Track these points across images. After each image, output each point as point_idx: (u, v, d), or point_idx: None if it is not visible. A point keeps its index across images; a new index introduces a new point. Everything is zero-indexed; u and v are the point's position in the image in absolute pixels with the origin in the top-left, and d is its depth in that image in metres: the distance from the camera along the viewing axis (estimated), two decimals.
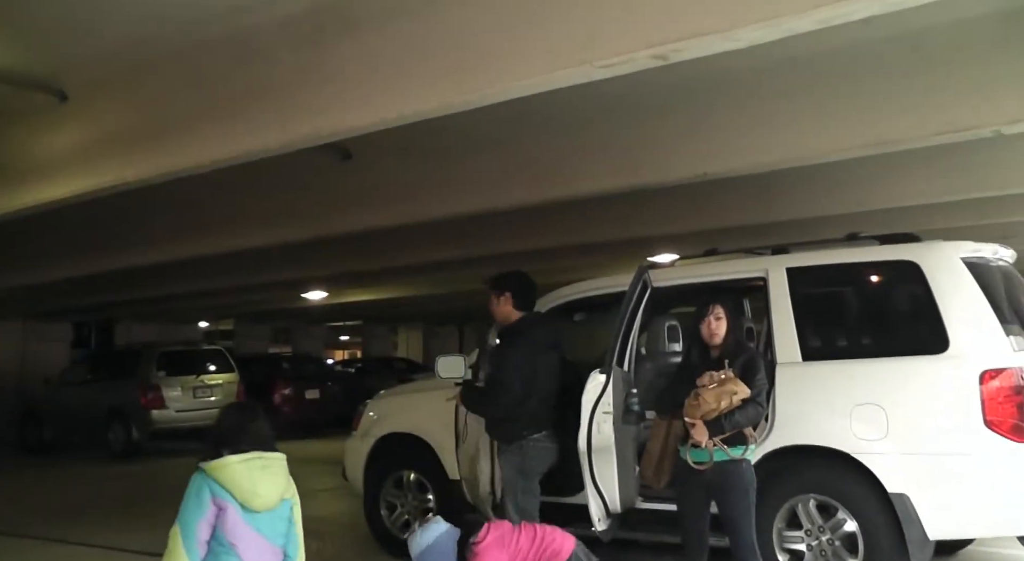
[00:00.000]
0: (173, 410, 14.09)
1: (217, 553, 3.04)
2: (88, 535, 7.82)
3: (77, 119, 6.54)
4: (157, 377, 14.23)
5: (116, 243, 10.96)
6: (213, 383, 14.73)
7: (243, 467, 3.09)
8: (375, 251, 11.49)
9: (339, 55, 4.88)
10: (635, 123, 6.61)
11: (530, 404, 4.93)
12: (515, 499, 4.97)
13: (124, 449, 14.01)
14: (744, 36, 3.53)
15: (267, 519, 3.12)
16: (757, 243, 6.23)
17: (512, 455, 4.99)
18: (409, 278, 15.54)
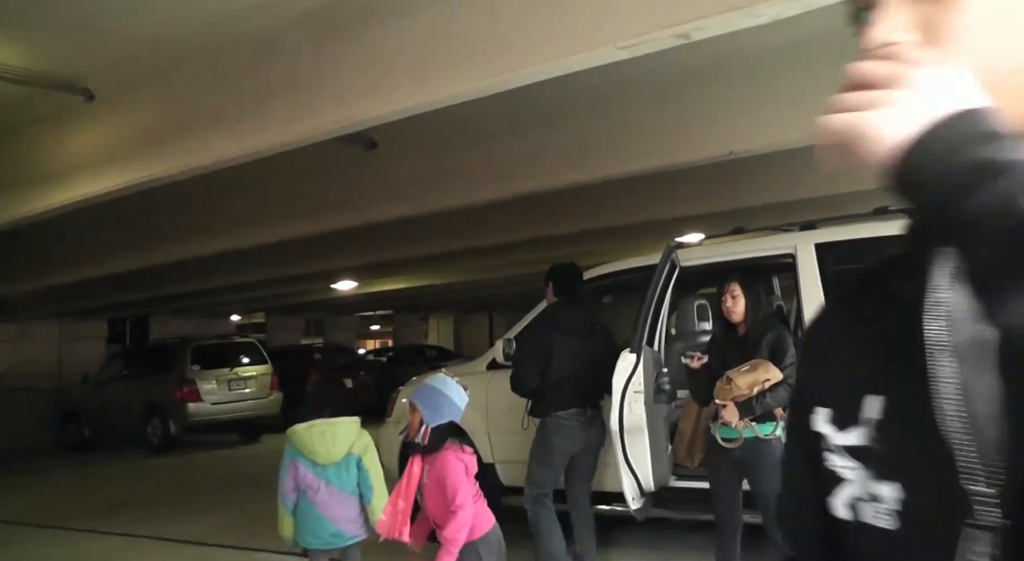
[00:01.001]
0: (208, 403, 14.27)
1: (299, 498, 4.06)
2: (132, 527, 7.99)
3: (104, 118, 6.64)
4: (192, 371, 14.41)
5: (148, 240, 11.09)
6: (247, 375, 14.91)
7: (305, 432, 4.08)
8: (403, 240, 11.53)
9: (359, 46, 4.91)
10: (660, 104, 6.57)
11: (553, 384, 5.19)
12: (531, 467, 5.26)
13: (162, 443, 14.22)
14: (766, 11, 3.50)
15: (333, 470, 4.04)
16: (784, 221, 6.19)
17: (539, 429, 5.31)
18: (438, 266, 15.59)
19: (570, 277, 5.52)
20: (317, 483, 4.04)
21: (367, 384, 17.22)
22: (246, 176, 7.34)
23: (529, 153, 7.51)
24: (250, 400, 14.79)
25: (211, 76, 5.77)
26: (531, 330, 5.47)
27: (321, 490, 4.04)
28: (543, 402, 5.28)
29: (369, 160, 7.93)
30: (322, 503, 4.04)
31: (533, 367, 5.22)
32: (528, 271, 15.93)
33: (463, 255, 13.28)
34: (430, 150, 7.78)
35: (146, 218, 10.20)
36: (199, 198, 9.31)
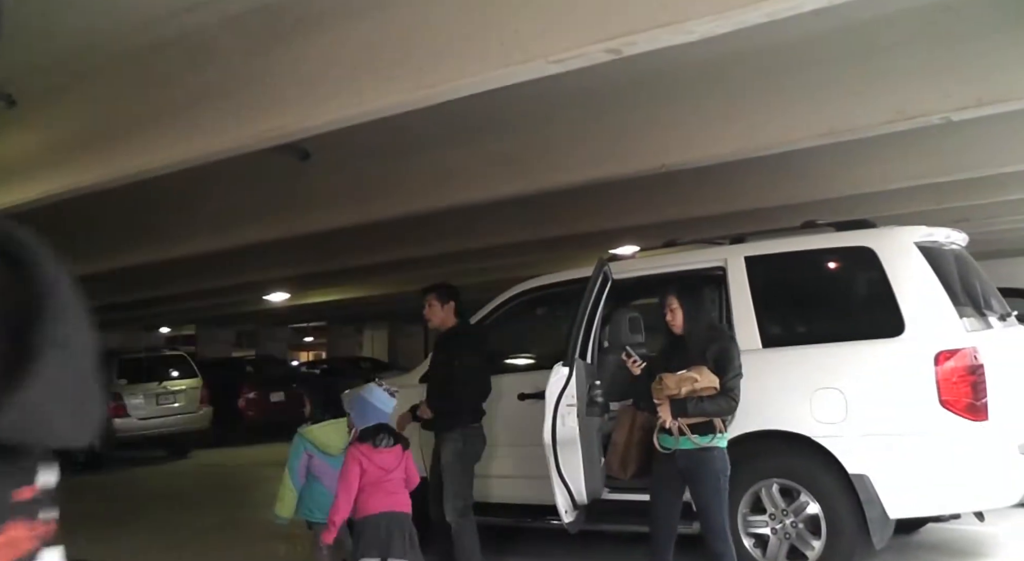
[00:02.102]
0: (136, 418, 13.88)
1: (309, 481, 5.01)
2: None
3: (27, 124, 6.42)
4: (118, 385, 13.99)
5: (71, 251, 10.75)
6: (176, 389, 14.55)
7: (319, 431, 5.06)
8: (337, 250, 11.43)
9: (293, 54, 4.85)
10: (595, 116, 6.64)
11: (472, 397, 5.46)
12: (454, 481, 5.32)
13: (87, 461, 13.76)
14: (697, 29, 3.55)
15: (338, 460, 4.75)
16: (718, 233, 6.30)
17: (454, 442, 5.38)
18: (373, 277, 15.49)
19: (460, 297, 5.75)
20: (327, 470, 4.92)
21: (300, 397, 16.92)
22: (175, 185, 7.18)
23: (464, 163, 7.52)
24: (179, 414, 14.43)
25: (139, 81, 5.63)
26: (461, 346, 5.59)
27: (328, 474, 4.87)
28: (460, 414, 5.42)
29: (303, 170, 7.83)
30: (330, 485, 4.78)
31: (467, 381, 5.43)
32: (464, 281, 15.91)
33: (397, 266, 13.22)
34: (365, 160, 7.73)
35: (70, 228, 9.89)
36: (125, 208, 9.08)
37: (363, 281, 16.23)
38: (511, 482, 5.86)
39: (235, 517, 8.71)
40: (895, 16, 5.21)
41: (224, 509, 9.20)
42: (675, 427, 4.41)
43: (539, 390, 5.40)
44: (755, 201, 8.76)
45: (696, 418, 4.40)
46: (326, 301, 19.30)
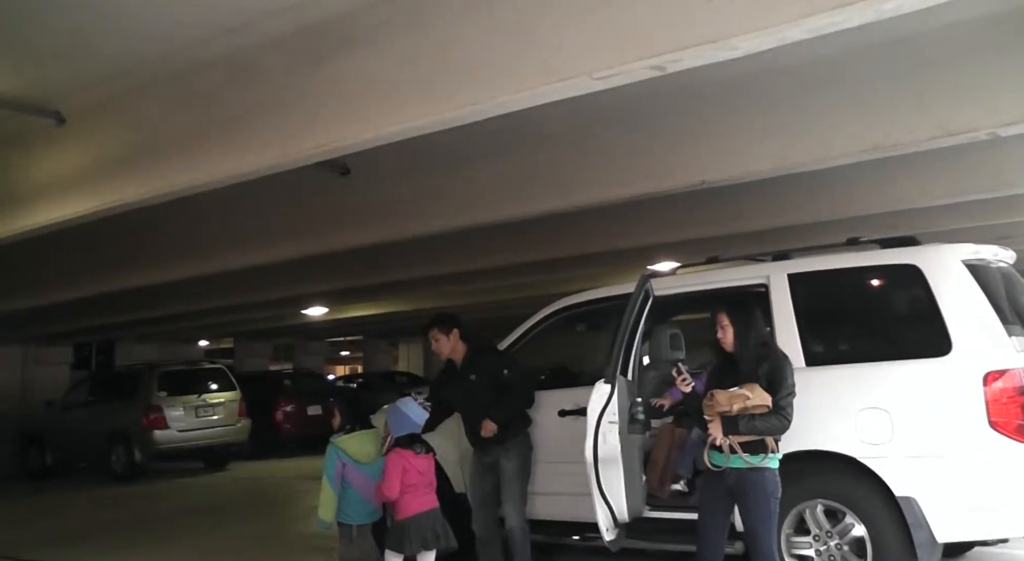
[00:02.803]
0: (175, 430, 14.04)
1: (344, 487, 5.19)
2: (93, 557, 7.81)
3: (75, 141, 6.56)
4: (159, 397, 14.17)
5: (116, 265, 10.94)
6: (215, 402, 14.69)
7: (352, 441, 5.26)
8: (374, 266, 11.49)
9: (335, 72, 4.90)
10: (634, 132, 6.63)
11: (531, 404, 5.76)
12: (521, 489, 5.56)
13: (127, 471, 13.96)
14: (741, 45, 3.54)
15: (369, 467, 5.21)
16: (757, 249, 6.25)
17: (517, 449, 5.59)
18: (409, 292, 15.54)
19: (460, 322, 5.94)
20: (360, 477, 5.23)
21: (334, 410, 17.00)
22: (216, 201, 7.28)
23: (503, 180, 7.53)
24: (218, 427, 14.57)
25: (184, 99, 5.72)
26: (515, 360, 5.85)
27: (360, 481, 5.22)
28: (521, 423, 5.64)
29: (342, 186, 7.91)
30: (361, 490, 5.22)
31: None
32: (498, 298, 15.96)
33: (433, 281, 13.26)
34: (404, 176, 7.78)
35: (114, 243, 10.07)
36: (168, 222, 9.22)
37: (399, 296, 16.29)
38: (551, 499, 5.83)
39: (273, 529, 8.75)
40: (941, 30, 5.16)
41: (262, 521, 9.25)
42: (725, 445, 4.36)
43: (580, 407, 5.38)
44: (795, 217, 8.67)
45: (747, 436, 4.35)
46: (362, 316, 19.39)
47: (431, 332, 5.79)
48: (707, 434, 4.47)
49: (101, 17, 5.03)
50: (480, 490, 5.74)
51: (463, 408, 5.73)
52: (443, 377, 5.94)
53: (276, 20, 4.85)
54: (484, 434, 5.46)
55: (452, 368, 5.84)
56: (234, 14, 4.87)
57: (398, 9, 4.54)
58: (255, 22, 4.88)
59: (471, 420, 5.62)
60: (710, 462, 4.46)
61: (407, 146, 5.32)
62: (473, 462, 5.79)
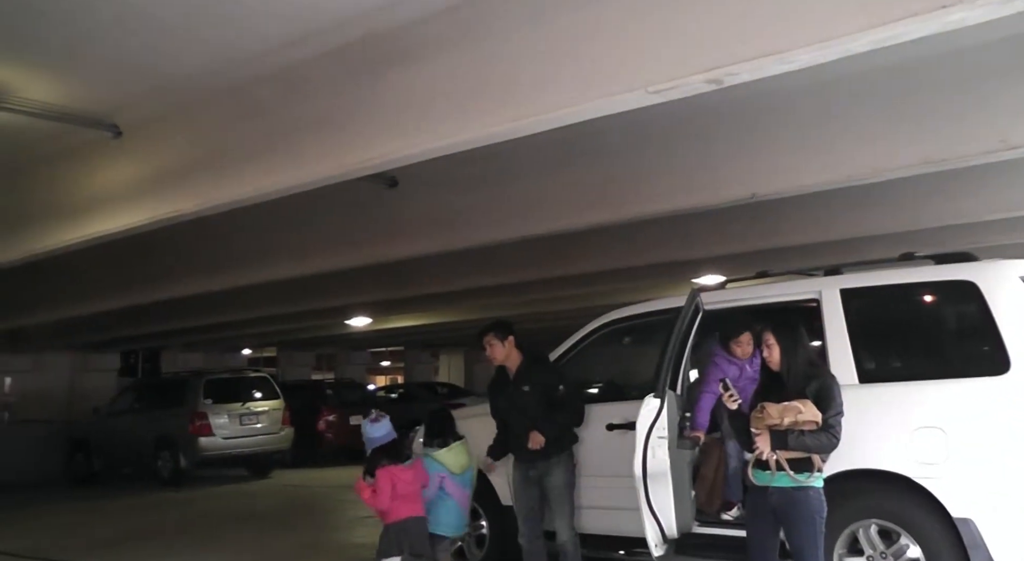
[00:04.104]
0: (220, 437, 14.19)
1: (443, 499, 5.61)
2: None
3: (132, 154, 6.70)
4: (204, 404, 14.34)
5: (164, 274, 11.13)
6: (259, 410, 14.83)
7: (450, 454, 5.68)
8: (419, 277, 11.55)
9: (389, 85, 4.96)
10: (684, 145, 6.61)
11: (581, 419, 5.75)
12: (570, 503, 5.58)
13: (172, 477, 14.13)
14: (800, 58, 3.52)
15: (461, 477, 5.69)
16: (805, 264, 6.19)
17: (566, 463, 5.59)
18: (451, 303, 15.59)
19: (515, 331, 5.92)
20: (455, 487, 5.65)
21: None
22: (264, 212, 7.37)
23: (553, 192, 7.55)
24: (262, 435, 14.71)
25: (239, 112, 5.82)
26: (562, 372, 5.82)
27: (456, 491, 5.65)
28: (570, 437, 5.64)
29: (390, 197, 7.97)
30: (462, 502, 5.69)
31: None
32: (541, 310, 15.94)
33: (476, 293, 13.30)
34: (450, 189, 7.82)
35: (162, 253, 10.24)
36: (217, 233, 9.35)
37: (442, 307, 16.36)
38: (597, 513, 5.80)
39: (318, 538, 8.80)
40: (999, 42, 5.08)
41: (308, 530, 9.30)
42: (772, 460, 4.30)
43: (628, 421, 5.35)
44: (844, 231, 8.57)
45: (794, 453, 4.28)
46: (404, 326, 19.49)
47: (486, 337, 5.78)
48: (753, 448, 4.40)
49: (160, 34, 5.14)
50: (525, 503, 5.72)
51: (510, 418, 5.73)
52: (496, 385, 5.92)
53: (332, 34, 4.92)
54: (531, 446, 5.45)
55: (503, 376, 5.83)
56: (290, 29, 4.96)
57: (453, 23, 4.58)
58: (311, 36, 4.96)
59: (519, 431, 5.61)
60: (753, 479, 4.40)
61: (456, 158, 5.35)
62: (516, 475, 5.78)
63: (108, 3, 4.78)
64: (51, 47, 5.43)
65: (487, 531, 6.32)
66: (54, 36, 5.25)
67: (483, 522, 6.32)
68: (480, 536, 6.34)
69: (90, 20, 5.01)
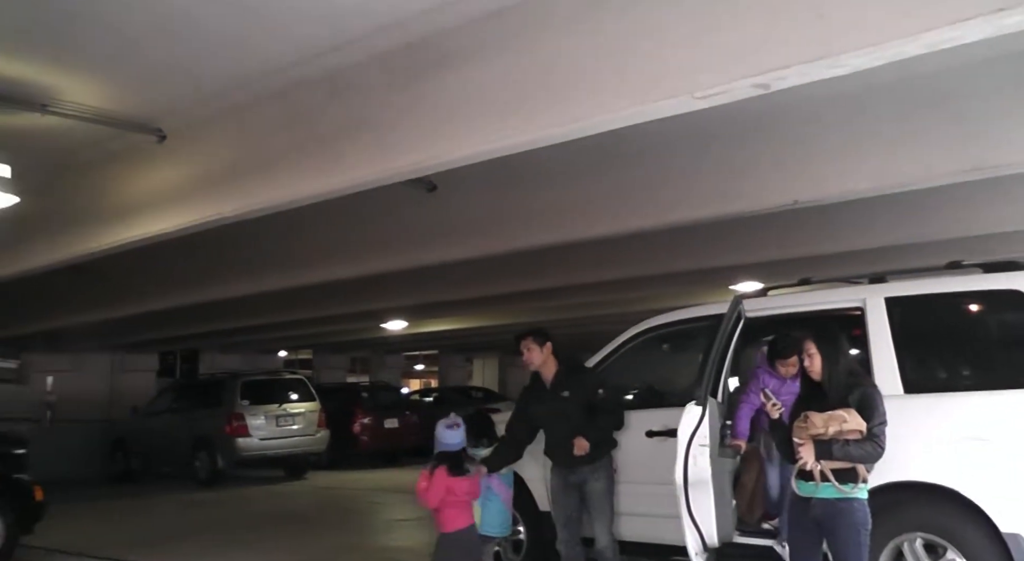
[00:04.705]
0: (257, 438, 14.34)
1: (491, 499, 5.65)
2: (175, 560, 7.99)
3: (176, 157, 6.78)
4: (241, 406, 14.49)
5: (202, 276, 11.25)
6: (295, 412, 14.95)
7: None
8: (455, 281, 11.57)
9: (433, 89, 4.96)
10: (723, 151, 6.55)
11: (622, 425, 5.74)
12: (611, 511, 5.57)
13: (210, 477, 14.29)
14: (851, 62, 3.46)
15: (506, 477, 5.79)
16: (847, 271, 6.10)
17: (606, 469, 5.60)
18: (487, 308, 15.59)
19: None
20: (505, 489, 5.78)
21: (413, 424, 17.17)
22: (305, 216, 7.41)
23: (588, 197, 7.52)
24: (298, 436, 14.83)
25: (284, 117, 5.86)
26: (602, 379, 5.81)
27: (504, 492, 5.75)
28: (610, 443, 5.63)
29: (428, 202, 7.99)
30: (507, 502, 5.77)
31: None
32: (576, 315, 15.90)
33: (514, 297, 13.29)
34: (491, 193, 7.82)
35: (202, 255, 10.34)
36: (256, 236, 9.42)
37: (477, 311, 16.36)
38: (636, 520, 5.76)
39: (355, 541, 8.83)
40: None
41: (344, 532, 9.33)
42: (817, 471, 4.23)
43: (668, 428, 5.31)
44: (888, 238, 8.43)
45: (839, 464, 4.22)
46: (439, 331, 19.53)
47: (524, 341, 5.76)
48: (796, 458, 4.34)
49: (205, 39, 5.20)
50: (564, 509, 5.70)
51: (549, 425, 5.70)
52: (530, 392, 5.91)
53: (377, 38, 4.94)
54: (577, 452, 5.41)
55: (538, 383, 5.81)
56: (336, 33, 4.98)
57: (498, 27, 4.58)
58: (356, 41, 4.98)
59: (559, 437, 5.58)
60: (797, 490, 4.34)
61: (495, 163, 5.34)
62: (555, 481, 5.76)
63: (154, 9, 4.84)
64: (98, 52, 5.52)
65: (524, 536, 6.29)
66: (101, 42, 5.33)
67: (520, 527, 6.29)
68: (517, 541, 6.32)
69: (136, 26, 5.08)
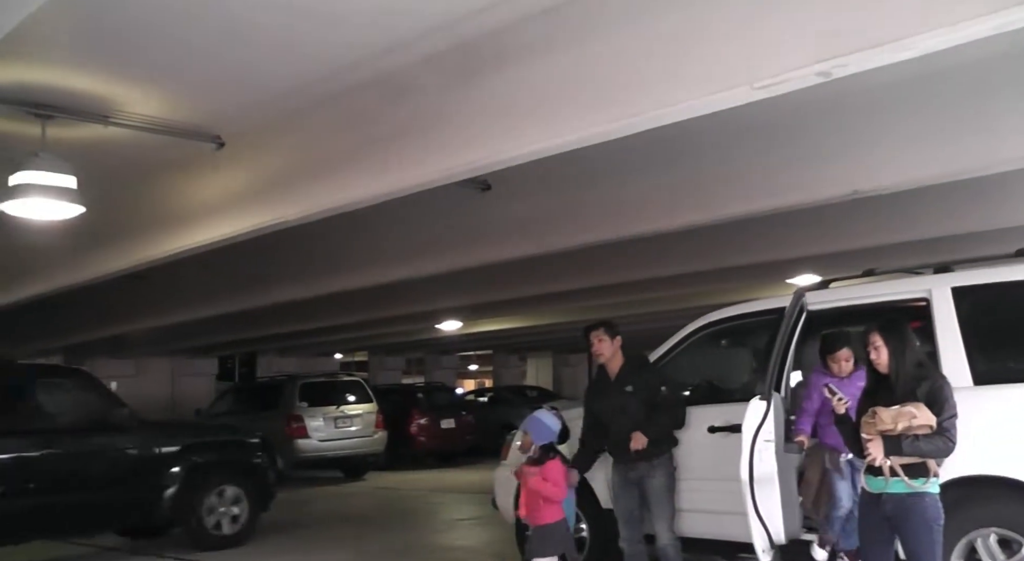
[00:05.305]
0: (316, 440, 14.51)
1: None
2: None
3: (234, 164, 6.88)
4: (300, 408, 14.68)
5: (260, 282, 11.43)
6: (353, 413, 15.10)
7: (566, 447, 5.67)
8: (509, 280, 11.58)
9: (487, 89, 4.97)
10: (780, 141, 6.44)
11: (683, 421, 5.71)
12: (671, 507, 5.53)
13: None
14: (918, 46, 3.36)
15: None
16: (910, 262, 5.97)
17: (666, 466, 5.56)
18: (541, 306, 15.59)
19: None
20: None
21: (470, 424, 17.23)
22: (359, 219, 7.48)
23: (642, 193, 7.46)
24: (356, 438, 14.98)
25: (339, 120, 5.91)
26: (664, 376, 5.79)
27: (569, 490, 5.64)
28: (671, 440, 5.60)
29: (482, 201, 8.00)
30: (572, 497, 5.63)
31: None
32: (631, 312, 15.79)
33: (566, 296, 13.26)
34: (545, 191, 7.80)
35: (259, 261, 10.49)
36: (312, 240, 9.53)
37: (530, 310, 16.37)
38: (698, 516, 5.70)
39: (417, 541, 8.88)
40: None
41: (405, 532, 9.38)
42: (886, 466, 4.15)
43: (730, 423, 5.25)
44: (952, 227, 8.21)
45: (909, 459, 4.13)
46: (493, 330, 19.59)
47: (595, 332, 5.74)
48: (864, 454, 4.26)
49: (261, 46, 5.26)
50: (625, 506, 5.68)
51: (611, 420, 5.68)
52: (595, 387, 5.90)
53: (430, 39, 4.95)
54: (633, 446, 5.39)
55: (604, 377, 5.80)
56: (389, 35, 5.01)
57: (551, 24, 4.56)
58: (410, 42, 5.00)
59: (620, 432, 5.57)
60: (868, 487, 4.25)
61: (548, 161, 5.33)
62: (616, 478, 5.74)
63: (211, 18, 4.91)
64: (157, 63, 5.61)
65: (587, 534, 6.28)
66: (160, 52, 5.42)
67: (583, 525, 6.28)
68: (580, 539, 6.30)
69: (194, 35, 5.15)
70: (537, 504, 5.40)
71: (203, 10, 4.82)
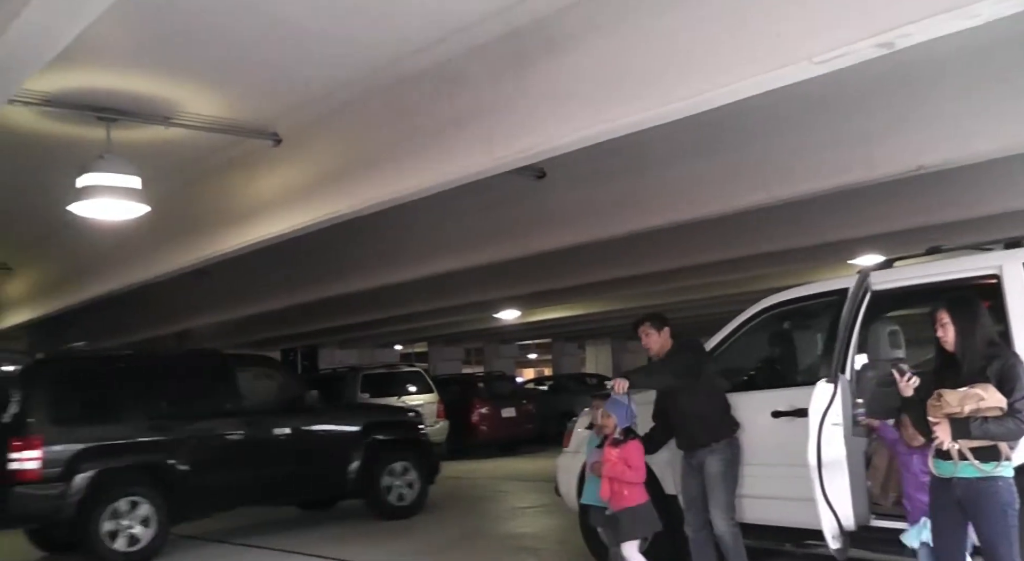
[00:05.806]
0: None
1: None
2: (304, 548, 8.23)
3: (291, 159, 6.97)
4: (362, 398, 14.83)
5: (322, 274, 11.57)
6: (415, 403, 15.19)
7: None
8: (567, 268, 11.55)
9: (539, 75, 4.94)
10: (840, 117, 6.30)
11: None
12: (728, 493, 5.42)
13: None
14: (984, 11, 3.24)
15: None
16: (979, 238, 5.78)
17: (722, 451, 5.46)
18: (599, 294, 15.52)
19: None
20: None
21: (531, 413, 17.25)
22: (415, 210, 7.52)
23: (700, 176, 7.36)
24: None
25: (393, 112, 5.94)
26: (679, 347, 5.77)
27: None
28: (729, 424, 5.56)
29: (537, 189, 7.98)
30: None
31: None
32: (690, 297, 15.65)
33: (625, 282, 13.17)
34: (600, 178, 7.75)
35: (320, 254, 10.63)
36: (369, 233, 9.62)
37: (589, 297, 16.30)
38: (763, 502, 5.61)
39: (481, 528, 8.92)
40: None
41: (466, 520, 9.43)
42: (954, 450, 4.02)
43: (795, 408, 5.16)
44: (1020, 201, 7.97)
45: (978, 442, 3.99)
46: (551, 319, 19.57)
47: (642, 327, 5.73)
48: (932, 437, 4.14)
49: (312, 43, 5.34)
50: (688, 492, 5.64)
51: (670, 408, 5.64)
52: None
53: (479, 28, 4.95)
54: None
55: None
56: (437, 26, 5.02)
57: (602, 7, 4.51)
58: (458, 32, 5.01)
59: (677, 420, 5.55)
60: (935, 470, 4.13)
61: (602, 148, 5.29)
62: (682, 464, 5.70)
63: (263, 17, 4.98)
64: (214, 63, 5.72)
65: None
66: (216, 53, 5.52)
67: None
68: None
69: (248, 35, 5.24)
70: (621, 488, 5.39)
71: (257, 11, 4.89)
